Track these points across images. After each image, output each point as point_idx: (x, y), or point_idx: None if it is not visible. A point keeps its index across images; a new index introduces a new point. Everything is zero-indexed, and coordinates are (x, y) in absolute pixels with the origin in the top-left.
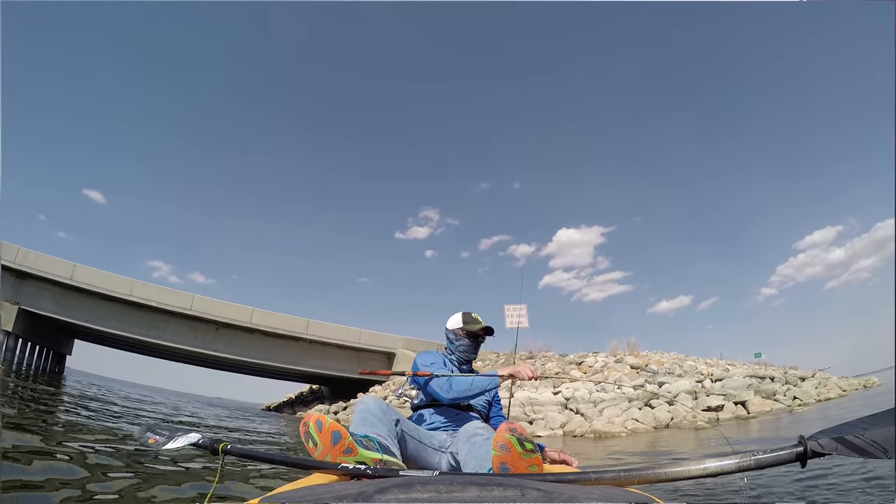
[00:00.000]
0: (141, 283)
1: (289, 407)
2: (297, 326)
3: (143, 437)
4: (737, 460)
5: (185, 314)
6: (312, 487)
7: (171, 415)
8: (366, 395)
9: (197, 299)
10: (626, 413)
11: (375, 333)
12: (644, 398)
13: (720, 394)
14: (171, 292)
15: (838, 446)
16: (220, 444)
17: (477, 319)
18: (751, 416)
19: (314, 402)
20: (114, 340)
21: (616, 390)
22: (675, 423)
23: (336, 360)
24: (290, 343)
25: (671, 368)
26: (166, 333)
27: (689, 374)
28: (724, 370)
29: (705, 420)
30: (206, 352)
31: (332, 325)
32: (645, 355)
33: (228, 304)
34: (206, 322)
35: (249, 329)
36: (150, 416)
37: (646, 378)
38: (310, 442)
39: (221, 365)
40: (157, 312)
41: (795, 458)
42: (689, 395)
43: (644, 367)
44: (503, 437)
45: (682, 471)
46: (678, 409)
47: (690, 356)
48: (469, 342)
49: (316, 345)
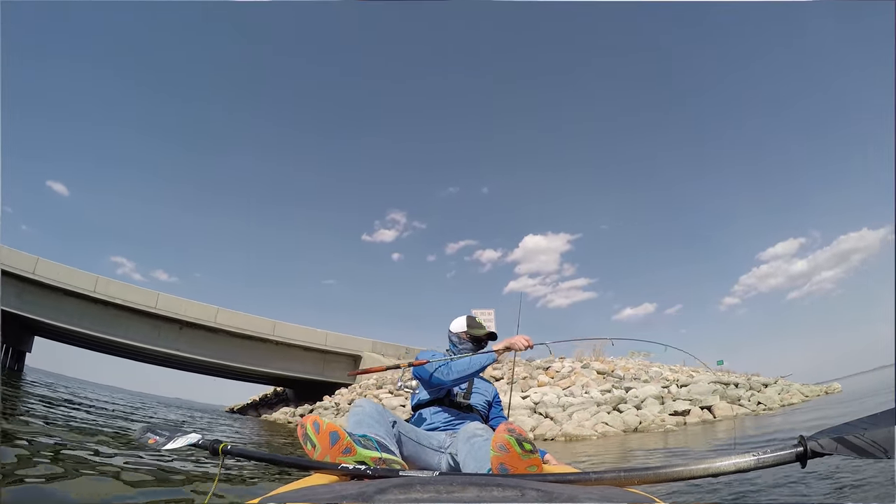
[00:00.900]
0: (105, 279)
1: (253, 409)
2: (263, 327)
3: (143, 437)
4: (737, 460)
5: (150, 312)
6: (312, 488)
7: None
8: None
9: (162, 297)
10: (596, 417)
11: (342, 336)
12: (612, 402)
13: (686, 399)
14: (135, 290)
15: (838, 446)
16: (220, 444)
17: (481, 324)
18: (717, 420)
19: (279, 404)
20: (76, 338)
21: (584, 395)
22: (644, 426)
23: (302, 362)
24: (256, 344)
25: (637, 374)
26: (130, 332)
27: (655, 380)
28: (688, 376)
29: (673, 424)
30: (170, 351)
31: (299, 327)
32: (611, 361)
33: (192, 303)
34: (170, 321)
35: (214, 329)
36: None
37: (612, 383)
38: (308, 444)
39: (184, 365)
40: (120, 310)
41: (796, 458)
42: (657, 399)
43: (610, 372)
44: (502, 437)
45: (683, 471)
46: (646, 414)
47: (655, 362)
48: (472, 346)
49: (282, 346)
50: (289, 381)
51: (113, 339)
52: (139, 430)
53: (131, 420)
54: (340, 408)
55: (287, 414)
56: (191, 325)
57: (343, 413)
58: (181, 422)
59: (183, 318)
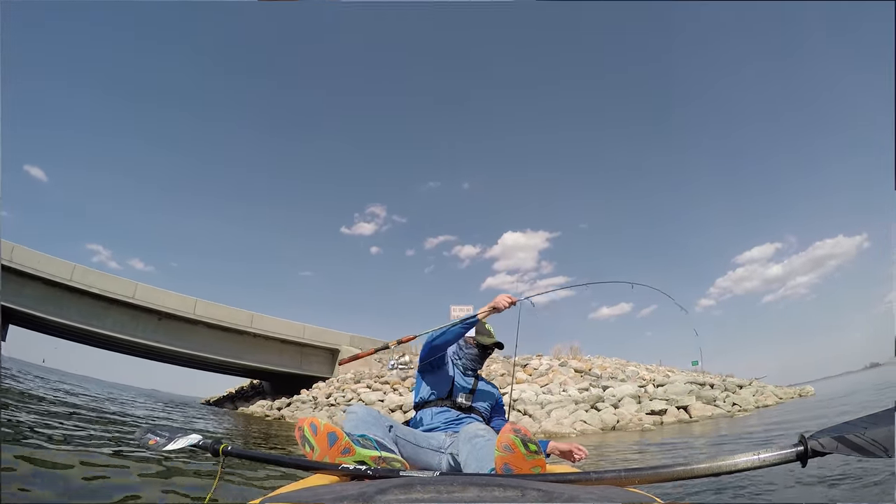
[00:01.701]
0: (83, 268)
1: (230, 402)
2: (241, 319)
3: (144, 438)
4: (738, 459)
5: (128, 302)
6: (313, 488)
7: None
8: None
9: (140, 287)
10: (574, 415)
11: (320, 329)
12: (590, 401)
13: (663, 399)
14: (113, 279)
15: (839, 445)
16: (221, 444)
17: (490, 332)
18: (693, 420)
19: (255, 397)
20: (51, 327)
21: (562, 393)
22: (622, 425)
23: (279, 354)
24: (234, 336)
25: (614, 373)
26: (107, 322)
27: (632, 379)
28: (665, 376)
29: (650, 423)
30: (148, 342)
31: (277, 320)
32: (588, 359)
33: (171, 294)
34: (148, 311)
35: (192, 320)
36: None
37: (590, 382)
38: (306, 446)
39: (162, 357)
40: (98, 300)
41: (796, 457)
42: (634, 399)
43: (588, 371)
44: (507, 437)
45: (684, 470)
46: (623, 413)
47: (632, 361)
48: (478, 352)
49: (260, 339)
50: (266, 374)
51: (89, 329)
52: (140, 432)
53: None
54: (318, 402)
55: (264, 407)
56: (169, 316)
57: (321, 407)
58: (153, 418)
59: (161, 309)
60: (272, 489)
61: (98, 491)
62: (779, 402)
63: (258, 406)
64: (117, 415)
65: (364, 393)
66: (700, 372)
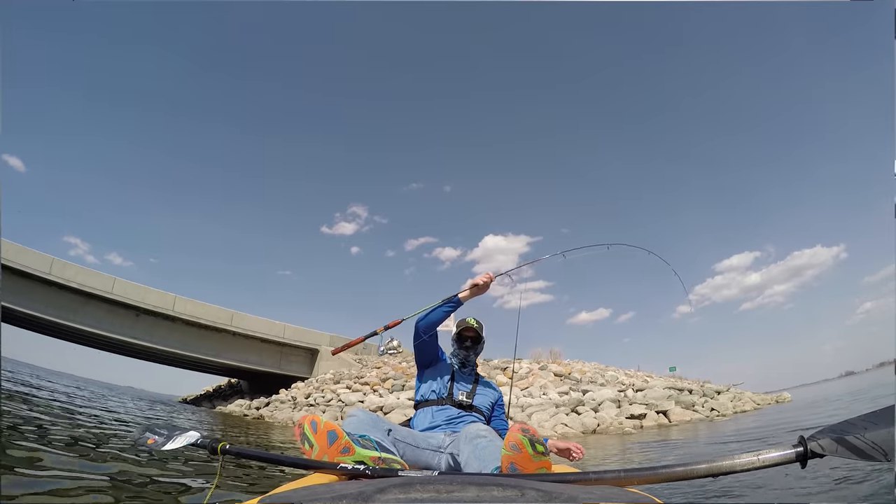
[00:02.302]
0: (61, 261)
1: (207, 400)
2: (221, 317)
3: (142, 437)
4: (738, 460)
5: (106, 298)
6: (312, 487)
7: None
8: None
9: (118, 283)
10: (555, 418)
11: (300, 329)
12: (570, 404)
13: (643, 403)
14: (91, 273)
15: (838, 448)
16: (220, 443)
17: (470, 323)
18: (672, 425)
19: (233, 396)
20: (27, 321)
21: (542, 396)
22: (602, 428)
23: (259, 353)
24: (213, 334)
25: (593, 377)
26: (85, 317)
27: (611, 384)
28: (644, 381)
29: (631, 427)
30: (126, 339)
31: (257, 318)
32: (568, 364)
33: (150, 290)
34: (126, 307)
35: (171, 317)
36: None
37: (570, 385)
38: (305, 444)
39: (140, 353)
40: (76, 294)
41: (796, 457)
42: (614, 403)
43: (567, 375)
44: (515, 437)
45: (684, 471)
46: (604, 416)
47: (610, 366)
48: (458, 346)
49: (239, 337)
50: (245, 373)
51: (66, 324)
52: (138, 431)
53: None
54: (297, 402)
55: (243, 406)
56: (148, 312)
57: (300, 407)
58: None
59: (140, 305)
60: (270, 488)
61: (98, 491)
62: (756, 408)
63: (236, 405)
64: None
65: (344, 394)
66: (678, 377)
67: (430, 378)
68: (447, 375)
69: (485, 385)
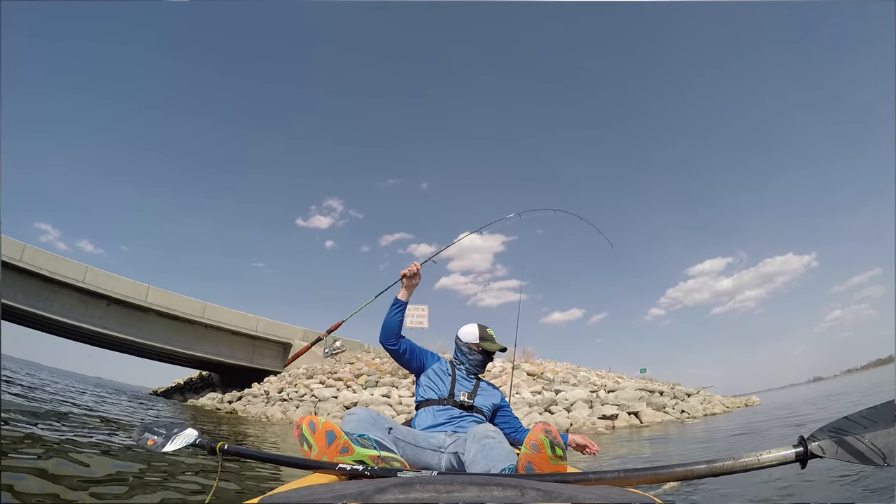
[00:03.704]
0: (32, 248)
1: (178, 393)
2: (193, 309)
3: (142, 438)
4: (738, 460)
5: (77, 286)
6: (312, 487)
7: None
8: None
9: (90, 271)
10: (529, 417)
11: (273, 322)
12: (544, 404)
13: (615, 404)
14: (63, 261)
15: (838, 450)
16: (219, 443)
17: (492, 337)
18: (644, 426)
19: (204, 389)
20: None
21: (515, 395)
22: (575, 428)
23: (231, 346)
24: (185, 326)
25: (566, 378)
26: (54, 306)
27: (583, 384)
28: (615, 382)
29: (603, 427)
30: (96, 329)
31: (230, 311)
32: (540, 363)
33: (123, 279)
34: (97, 297)
35: (143, 308)
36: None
37: (542, 385)
38: (304, 444)
39: (110, 344)
40: (46, 282)
41: (796, 458)
42: (586, 403)
43: (540, 374)
44: (537, 437)
45: (683, 471)
46: (577, 416)
47: (582, 367)
48: (482, 358)
49: (211, 330)
50: (216, 366)
51: (35, 312)
52: (137, 431)
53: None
54: (270, 396)
55: (215, 400)
56: (119, 302)
57: (273, 402)
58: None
59: (111, 295)
60: (270, 489)
61: (98, 490)
62: (726, 410)
63: (208, 398)
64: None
65: (317, 389)
66: (649, 379)
67: (431, 378)
68: (449, 376)
69: (486, 387)
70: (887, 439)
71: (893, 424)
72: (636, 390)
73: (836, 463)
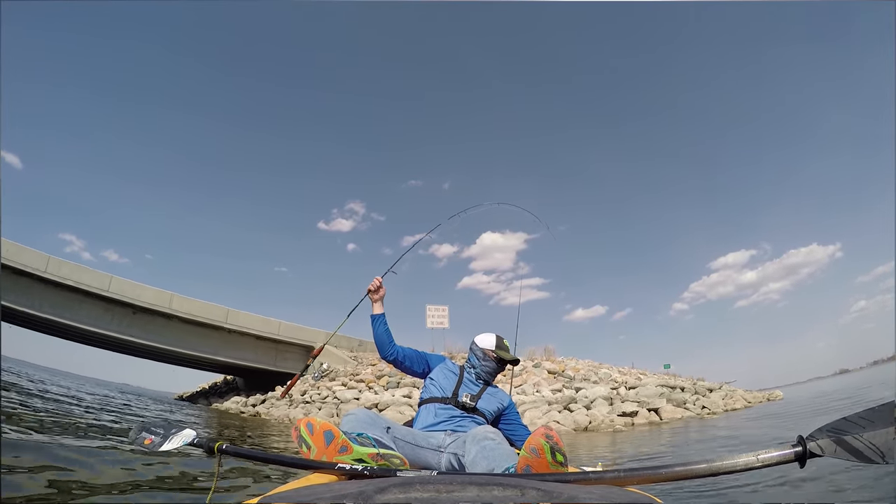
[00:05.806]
0: (57, 259)
1: (203, 397)
2: (216, 315)
3: (139, 437)
4: (738, 460)
5: (102, 296)
6: (311, 487)
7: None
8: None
9: (115, 280)
10: (548, 415)
11: (295, 326)
12: (563, 402)
13: (635, 401)
14: (87, 271)
15: (837, 449)
16: (216, 443)
17: (508, 347)
18: (663, 423)
19: (229, 393)
20: (23, 319)
21: (535, 393)
22: (594, 426)
23: (254, 351)
24: (209, 332)
25: (587, 375)
26: (81, 315)
27: (604, 381)
28: (637, 379)
29: (622, 424)
30: (122, 336)
31: (252, 315)
32: (561, 361)
33: (147, 288)
34: (123, 305)
35: (168, 315)
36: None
37: (563, 383)
38: (303, 446)
39: (136, 351)
40: (71, 292)
41: (795, 457)
42: (606, 400)
43: (561, 372)
44: (537, 441)
45: (683, 471)
46: (596, 414)
47: (604, 364)
48: (496, 366)
49: (235, 334)
50: (240, 370)
51: (63, 322)
52: (134, 431)
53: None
54: (293, 399)
55: (239, 403)
56: (144, 310)
57: (297, 404)
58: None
59: (136, 303)
60: (270, 489)
61: (97, 491)
62: (747, 405)
63: (232, 402)
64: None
65: (339, 391)
66: (672, 375)
67: (437, 377)
68: (455, 376)
69: (493, 391)
70: (886, 438)
71: (893, 424)
72: (657, 387)
73: (837, 464)
